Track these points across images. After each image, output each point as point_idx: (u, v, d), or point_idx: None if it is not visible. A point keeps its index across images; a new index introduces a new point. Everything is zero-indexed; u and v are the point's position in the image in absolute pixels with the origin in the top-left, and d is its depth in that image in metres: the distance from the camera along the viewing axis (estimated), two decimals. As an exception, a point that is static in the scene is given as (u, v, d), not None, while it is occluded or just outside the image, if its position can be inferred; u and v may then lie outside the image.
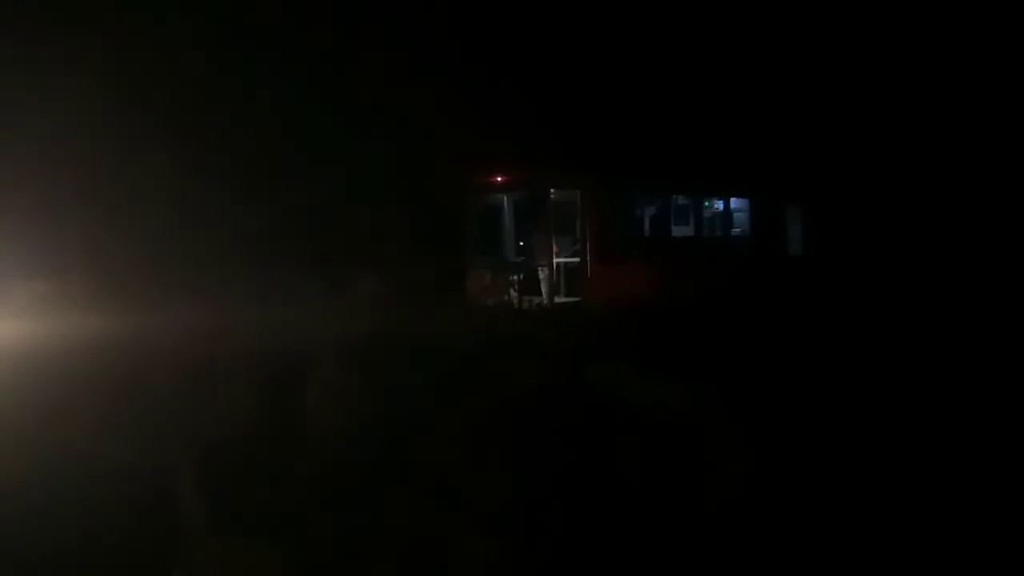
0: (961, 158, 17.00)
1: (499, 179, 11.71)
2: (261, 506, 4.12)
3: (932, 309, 12.46)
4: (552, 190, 11.24)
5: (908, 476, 4.26)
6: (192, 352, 9.27)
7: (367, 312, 12.98)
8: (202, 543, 3.78)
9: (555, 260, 11.34)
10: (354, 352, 9.67)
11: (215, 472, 4.72)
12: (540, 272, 11.40)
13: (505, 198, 11.96)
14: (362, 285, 12.23)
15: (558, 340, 10.32)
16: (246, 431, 5.63)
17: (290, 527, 3.87)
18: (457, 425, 5.87)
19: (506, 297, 11.55)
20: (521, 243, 11.79)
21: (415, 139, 13.40)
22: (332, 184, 13.10)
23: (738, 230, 14.14)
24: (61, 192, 13.45)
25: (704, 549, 3.44)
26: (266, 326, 11.61)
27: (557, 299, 11.39)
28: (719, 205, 13.91)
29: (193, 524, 3.97)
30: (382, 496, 4.13)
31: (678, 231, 13.20)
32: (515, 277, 11.56)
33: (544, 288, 11.43)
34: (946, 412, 5.79)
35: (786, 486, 4.12)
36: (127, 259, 12.30)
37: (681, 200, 13.32)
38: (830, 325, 11.49)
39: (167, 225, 13.36)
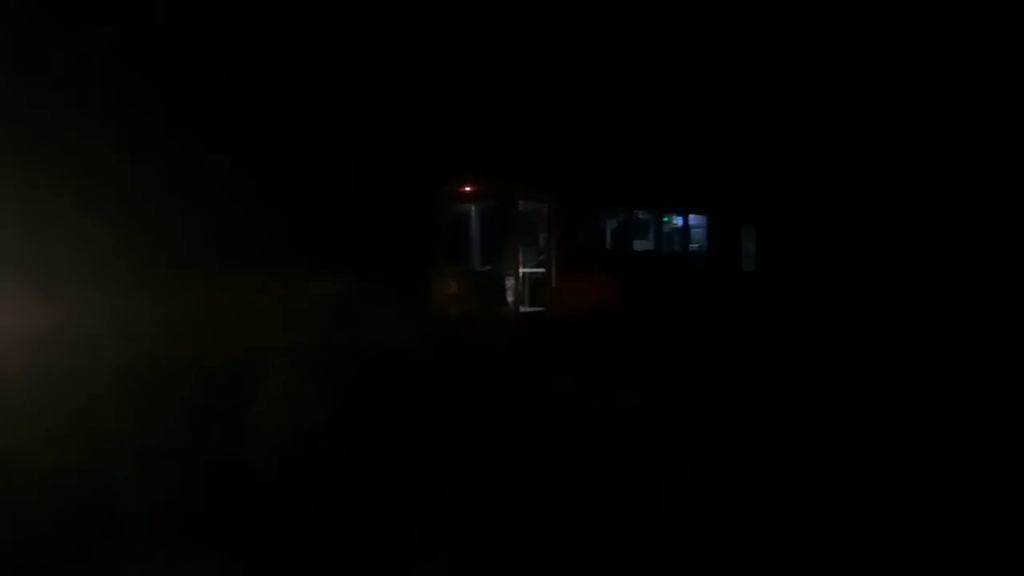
0: (900, 183, 18.08)
1: (467, 190, 11.91)
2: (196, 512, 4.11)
3: (871, 321, 13.31)
4: (520, 202, 11.50)
5: (833, 472, 4.66)
6: (127, 355, 9.18)
7: (326, 317, 13.01)
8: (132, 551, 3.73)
9: (521, 270, 11.59)
10: (307, 357, 9.74)
11: (150, 476, 4.68)
12: (506, 282, 11.62)
13: (473, 209, 12.17)
14: (323, 290, 12.24)
15: (521, 348, 10.61)
16: (181, 436, 5.63)
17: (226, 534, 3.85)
18: (409, 429, 6.04)
19: (471, 306, 11.73)
20: (488, 253, 12.01)
21: (383, 147, 13.50)
22: (296, 189, 13.06)
23: (695, 245, 14.71)
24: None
25: (653, 540, 3.68)
26: (214, 329, 11.52)
27: (522, 308, 11.63)
28: (678, 221, 14.45)
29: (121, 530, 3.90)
30: (317, 504, 4.17)
31: (639, 245, 13.65)
32: (481, 286, 11.77)
33: (509, 297, 11.66)
34: (878, 413, 6.29)
35: (729, 482, 4.44)
36: (55, 257, 11.94)
37: (642, 215, 13.79)
38: (776, 335, 12.17)
39: (112, 223, 13.07)
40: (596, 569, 3.51)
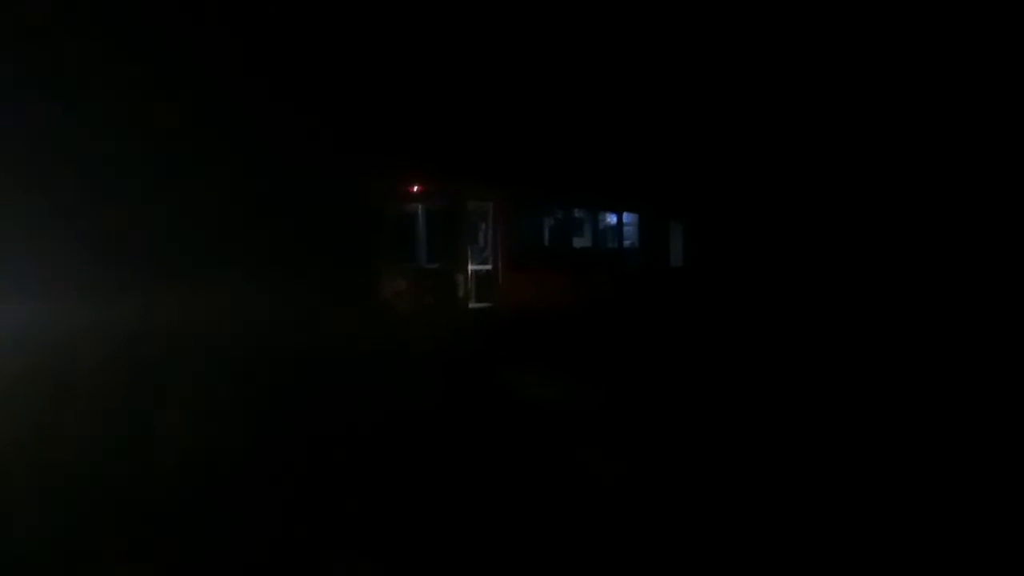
0: (815, 185, 19.75)
1: (416, 189, 12.19)
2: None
3: (786, 312, 14.60)
4: (468, 201, 11.90)
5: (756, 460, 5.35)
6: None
7: (274, 313, 12.96)
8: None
9: (469, 267, 12.00)
10: (248, 353, 9.82)
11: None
12: (455, 278, 11.99)
13: (421, 207, 12.43)
14: (271, 287, 12.23)
15: (472, 342, 11.04)
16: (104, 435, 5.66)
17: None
18: (356, 423, 6.33)
19: (422, 302, 12.04)
20: (436, 250, 12.32)
21: (334, 146, 13.57)
22: (249, 187, 12.93)
23: (628, 242, 15.59)
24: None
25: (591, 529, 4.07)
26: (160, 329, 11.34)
27: (471, 304, 12.04)
28: (613, 219, 15.26)
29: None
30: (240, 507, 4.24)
31: (577, 242, 14.35)
32: (430, 282, 12.09)
33: (458, 293, 12.04)
34: (794, 397, 7.15)
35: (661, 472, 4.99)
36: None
37: (580, 214, 14.50)
38: (702, 324, 13.21)
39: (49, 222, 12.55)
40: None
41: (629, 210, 15.50)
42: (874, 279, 17.44)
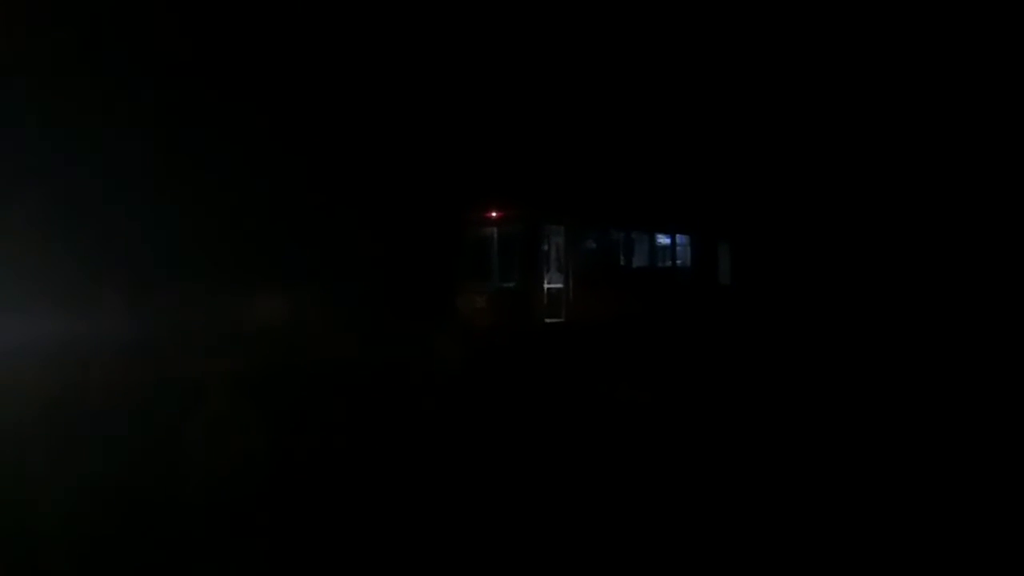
0: (857, 211, 20.74)
1: (495, 214, 13.38)
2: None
3: (828, 331, 15.49)
4: (545, 226, 13.08)
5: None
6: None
7: (369, 328, 14.21)
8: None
9: (545, 286, 13.12)
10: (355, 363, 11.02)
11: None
12: (531, 296, 13.09)
13: (499, 231, 13.50)
14: (369, 304, 13.50)
15: (550, 353, 12.13)
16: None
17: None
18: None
19: (502, 318, 13.16)
20: (514, 270, 13.42)
21: (422, 175, 14.94)
22: (352, 217, 14.29)
23: (680, 261, 16.67)
24: None
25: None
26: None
27: (547, 320, 13.14)
28: (667, 241, 16.37)
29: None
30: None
31: (636, 261, 15.46)
32: (510, 300, 13.22)
33: (534, 310, 13.14)
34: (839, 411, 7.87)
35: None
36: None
37: (638, 236, 15.62)
38: (750, 339, 14.19)
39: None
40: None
41: (681, 232, 16.60)
42: (904, 290, 18.26)
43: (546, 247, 13.50)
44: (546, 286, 13.29)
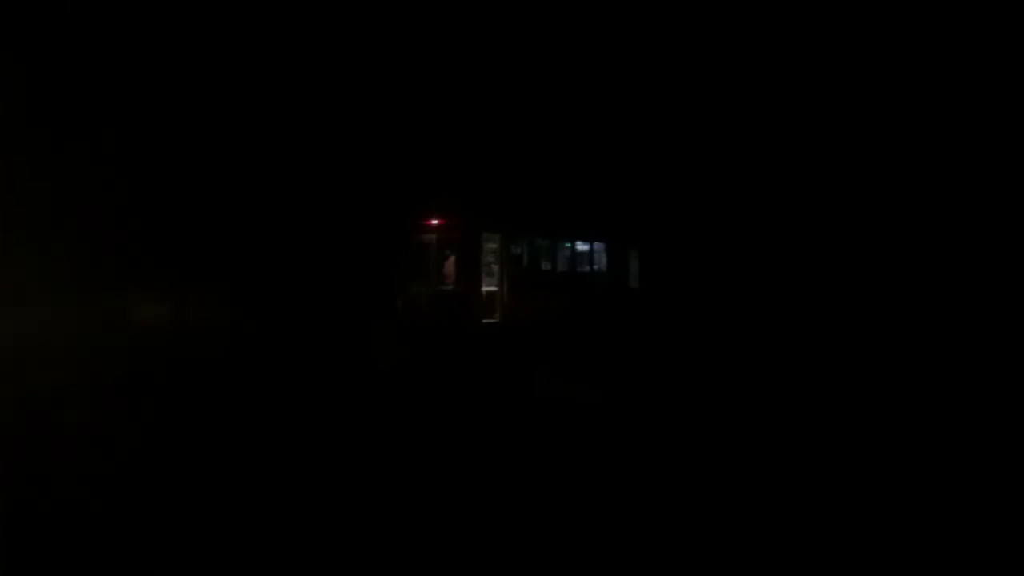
0: (741, 220, 23.31)
1: (436, 222, 14.40)
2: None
3: (720, 327, 17.72)
4: (482, 233, 14.25)
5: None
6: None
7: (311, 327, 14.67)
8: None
9: (483, 289, 14.28)
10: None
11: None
12: (470, 297, 14.20)
13: (438, 237, 14.56)
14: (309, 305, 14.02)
15: (486, 350, 13.31)
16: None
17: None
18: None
19: (440, 317, 14.18)
20: (455, 274, 14.50)
21: (366, 184, 15.55)
22: (293, 223, 14.66)
23: (597, 267, 18.36)
24: None
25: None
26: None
27: (483, 320, 14.30)
28: (587, 248, 17.99)
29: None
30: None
31: (560, 266, 16.94)
32: (449, 301, 14.27)
33: (472, 310, 14.26)
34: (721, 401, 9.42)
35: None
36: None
37: (560, 243, 17.11)
38: (660, 336, 16.06)
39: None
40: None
41: (599, 240, 18.29)
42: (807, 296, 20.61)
43: (483, 252, 14.67)
44: (484, 289, 14.46)
